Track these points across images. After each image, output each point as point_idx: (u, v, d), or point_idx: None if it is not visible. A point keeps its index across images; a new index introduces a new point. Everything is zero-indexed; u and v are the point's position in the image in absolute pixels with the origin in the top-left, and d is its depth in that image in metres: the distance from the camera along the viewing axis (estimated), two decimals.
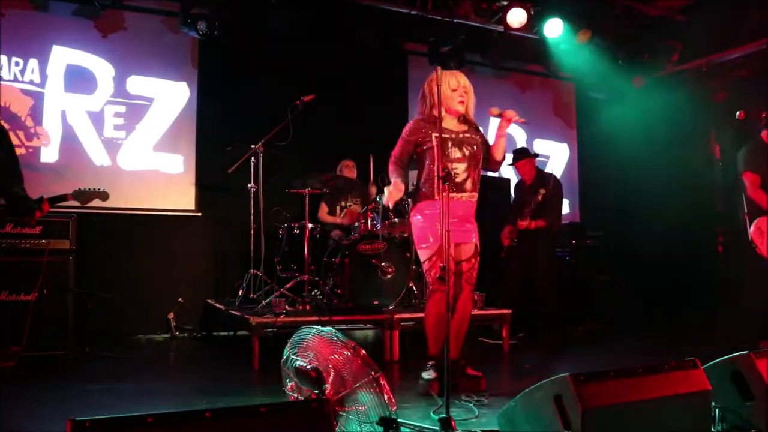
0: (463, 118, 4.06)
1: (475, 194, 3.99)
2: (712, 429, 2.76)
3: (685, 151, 8.39)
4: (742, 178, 5.15)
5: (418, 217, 3.98)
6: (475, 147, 3.99)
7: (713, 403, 2.70)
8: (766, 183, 5.05)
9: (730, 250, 7.95)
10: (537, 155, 6.49)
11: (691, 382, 2.54)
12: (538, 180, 6.24)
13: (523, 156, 6.33)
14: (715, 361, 2.85)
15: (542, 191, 5.95)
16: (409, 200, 4.77)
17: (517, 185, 6.59)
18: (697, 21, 7.53)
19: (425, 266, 3.96)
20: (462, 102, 3.99)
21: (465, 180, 3.91)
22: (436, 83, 3.48)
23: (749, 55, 7.56)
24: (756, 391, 2.72)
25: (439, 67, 3.49)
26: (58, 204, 4.23)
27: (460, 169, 3.86)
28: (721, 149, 8.26)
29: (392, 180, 3.96)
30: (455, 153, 3.89)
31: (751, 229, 5.05)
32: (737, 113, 4.76)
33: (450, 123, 3.99)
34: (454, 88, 3.96)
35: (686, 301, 7.70)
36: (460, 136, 3.96)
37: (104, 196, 4.51)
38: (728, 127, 7.58)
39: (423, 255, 3.96)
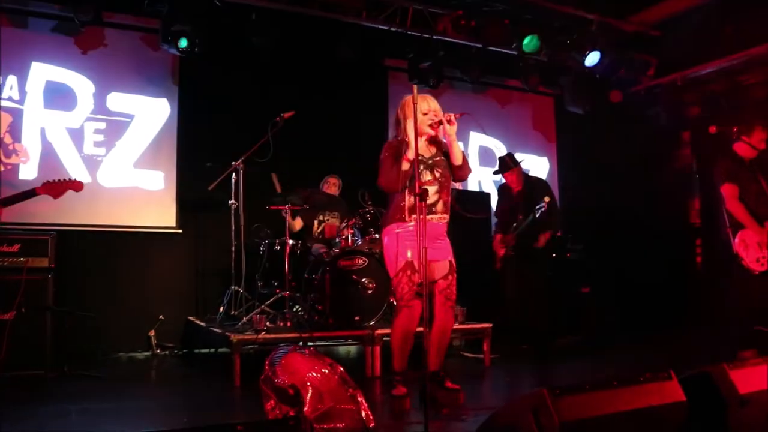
0: (434, 141, 4.11)
1: (447, 216, 4.07)
2: None
3: (662, 164, 8.51)
4: (720, 191, 5.21)
5: (388, 237, 4.05)
6: (445, 170, 4.07)
7: (688, 415, 2.72)
8: (743, 195, 5.12)
9: (708, 262, 8.05)
10: (519, 162, 6.55)
11: (665, 393, 2.57)
12: (528, 186, 6.31)
13: (511, 165, 6.40)
14: (691, 372, 2.87)
15: (547, 199, 5.96)
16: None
17: (504, 192, 6.60)
18: (671, 36, 7.65)
19: (393, 282, 4.04)
20: (434, 127, 4.04)
21: (436, 202, 3.99)
22: (410, 105, 3.64)
23: (722, 70, 7.69)
24: (730, 401, 2.74)
25: (415, 87, 3.55)
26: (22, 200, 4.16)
27: (431, 192, 3.90)
28: (697, 162, 8.39)
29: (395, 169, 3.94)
30: (426, 176, 3.98)
31: (736, 242, 5.10)
32: (710, 127, 4.84)
33: (421, 146, 4.03)
34: (425, 112, 4.03)
35: (666, 313, 7.78)
36: (431, 160, 4.05)
37: (77, 185, 4.36)
38: (703, 141, 7.70)
39: (391, 272, 4.04)
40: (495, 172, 6.70)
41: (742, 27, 7.36)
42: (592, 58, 7.34)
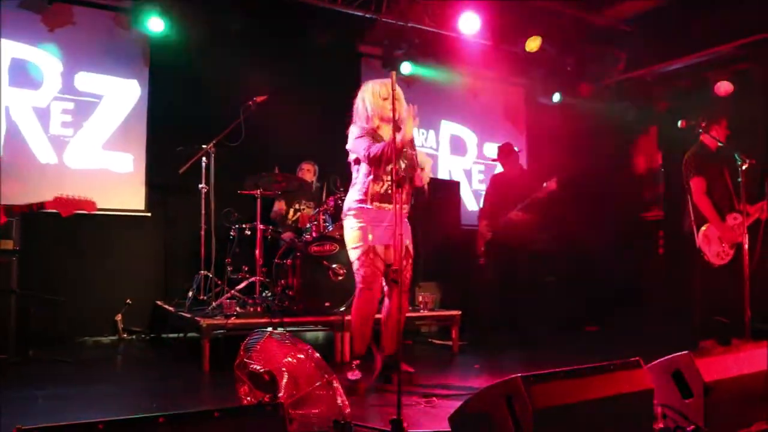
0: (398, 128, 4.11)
1: (407, 207, 4.08)
2: (655, 426, 2.85)
3: (630, 157, 8.63)
4: (689, 184, 5.30)
5: (350, 219, 4.10)
6: (410, 162, 4.10)
7: (656, 401, 2.78)
8: (710, 188, 5.22)
9: (671, 254, 8.21)
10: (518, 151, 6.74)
11: (635, 381, 2.62)
12: (525, 173, 6.57)
13: (509, 152, 6.54)
14: (657, 361, 2.94)
15: (555, 178, 6.12)
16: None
17: (497, 181, 6.66)
18: (642, 32, 7.75)
19: (354, 266, 4.09)
20: (393, 110, 4.03)
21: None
22: (368, 91, 3.98)
23: (690, 67, 7.82)
24: (695, 388, 2.81)
25: (393, 74, 3.50)
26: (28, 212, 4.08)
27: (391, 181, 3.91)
28: (664, 156, 8.52)
29: (376, 146, 3.96)
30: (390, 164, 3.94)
31: (699, 237, 5.20)
32: (679, 122, 4.91)
33: (387, 132, 4.03)
34: (385, 97, 4.01)
35: (630, 302, 7.92)
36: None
37: (90, 206, 4.25)
38: (671, 135, 7.82)
39: (353, 255, 4.09)
40: (494, 160, 6.88)
41: (709, 25, 7.48)
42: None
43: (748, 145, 5.78)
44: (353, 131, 4.15)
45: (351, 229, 4.09)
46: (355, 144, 4.09)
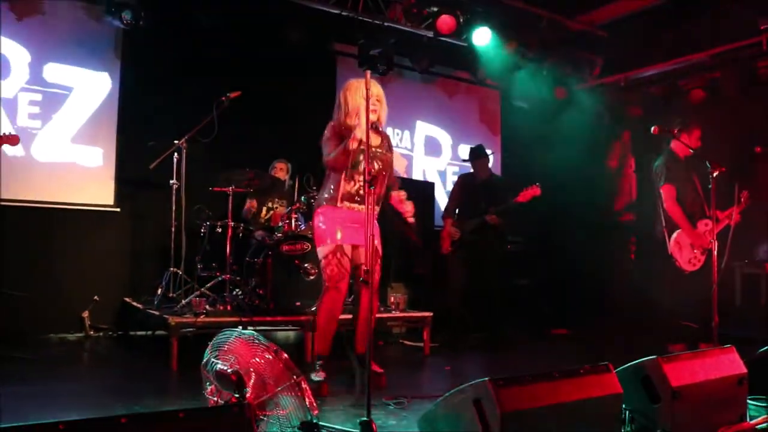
0: (377, 130, 4.11)
1: (378, 207, 4.09)
2: (623, 430, 2.87)
3: (603, 161, 8.72)
4: (660, 191, 5.35)
5: (319, 218, 4.12)
6: (385, 164, 4.12)
7: (624, 406, 2.80)
8: (681, 195, 5.28)
9: (643, 259, 8.30)
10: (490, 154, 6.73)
11: (604, 385, 2.64)
12: (493, 177, 6.64)
13: (481, 155, 6.56)
14: (626, 365, 2.96)
15: (538, 185, 6.12)
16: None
17: (466, 182, 6.65)
18: (617, 38, 7.84)
19: (322, 264, 4.10)
20: (374, 111, 4.03)
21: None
22: (353, 89, 3.89)
23: (663, 74, 7.93)
24: (663, 393, 2.84)
25: (368, 72, 3.49)
26: None
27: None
28: (636, 161, 8.63)
29: (338, 150, 3.97)
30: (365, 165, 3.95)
31: (671, 244, 5.26)
32: (652, 128, 4.97)
33: (363, 132, 4.02)
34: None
35: (602, 306, 8.00)
36: (373, 150, 4.05)
37: (12, 139, 4.23)
38: (643, 141, 7.92)
39: (321, 253, 4.10)
40: (465, 160, 6.88)
41: (683, 33, 7.60)
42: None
43: (718, 152, 5.88)
44: (327, 129, 4.14)
45: (320, 227, 4.11)
46: (324, 144, 4.12)
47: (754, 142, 7.13)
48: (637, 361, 2.94)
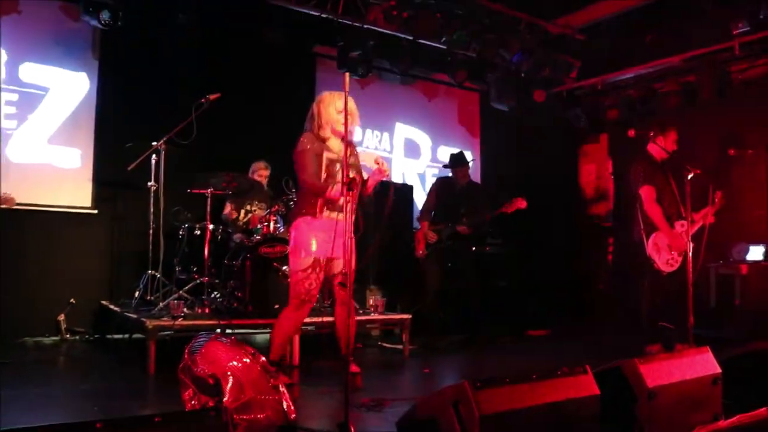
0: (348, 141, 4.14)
1: (353, 214, 4.08)
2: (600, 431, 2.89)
3: (581, 164, 8.79)
4: (638, 193, 5.39)
5: (296, 229, 4.11)
6: (358, 173, 4.15)
7: (601, 407, 2.82)
8: (660, 196, 5.33)
9: (619, 261, 8.38)
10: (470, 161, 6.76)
11: (581, 387, 2.66)
12: (471, 184, 6.65)
13: (462, 162, 6.58)
14: (603, 367, 2.98)
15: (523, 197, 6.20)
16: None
17: (446, 186, 6.65)
18: (595, 41, 7.90)
19: (293, 278, 4.09)
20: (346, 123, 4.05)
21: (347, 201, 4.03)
22: (326, 101, 4.03)
23: (640, 77, 8.01)
24: (639, 393, 2.86)
25: (347, 75, 3.49)
26: None
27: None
28: (614, 163, 8.71)
29: (323, 188, 3.98)
30: (340, 175, 3.98)
31: (649, 245, 5.29)
32: (629, 131, 5.01)
33: (336, 144, 4.14)
34: (340, 110, 4.01)
35: (581, 308, 8.05)
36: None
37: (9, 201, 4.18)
38: (620, 143, 8.00)
39: (294, 266, 4.10)
40: (445, 166, 6.84)
41: (659, 37, 7.69)
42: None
43: (694, 154, 5.96)
44: (302, 142, 4.14)
45: (296, 239, 4.10)
46: (299, 159, 4.10)
47: (728, 144, 7.26)
48: (614, 362, 2.96)
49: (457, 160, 6.59)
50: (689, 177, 4.80)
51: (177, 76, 6.58)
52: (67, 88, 6.31)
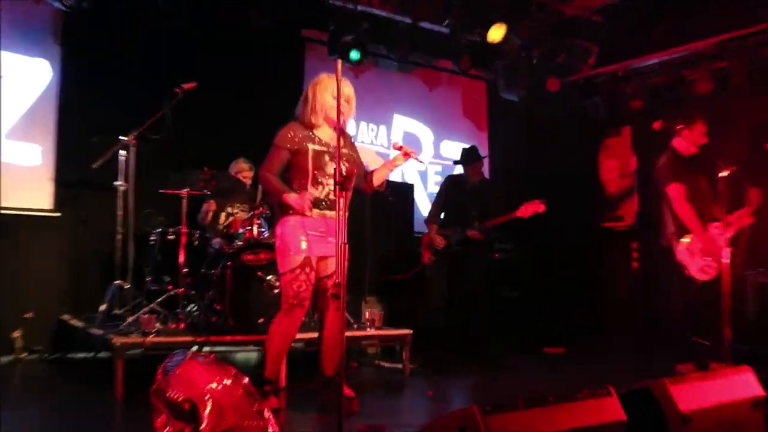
0: (341, 131, 4.12)
1: (346, 213, 4.07)
2: None
3: (600, 160, 8.78)
4: (665, 191, 5.35)
5: (282, 227, 4.12)
6: (352, 166, 4.15)
7: None
8: (691, 194, 5.28)
9: (647, 268, 8.33)
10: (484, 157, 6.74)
11: (605, 411, 2.63)
12: (483, 182, 6.66)
13: (475, 158, 6.56)
14: (629, 388, 2.94)
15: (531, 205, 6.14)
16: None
17: (454, 186, 6.64)
18: (613, 23, 7.87)
19: (283, 280, 4.09)
20: (342, 112, 4.03)
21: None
22: (322, 85, 4.06)
23: (665, 63, 7.98)
24: (671, 419, 2.82)
25: (339, 62, 3.49)
26: None
27: (333, 185, 3.93)
28: (638, 159, 8.68)
29: (281, 190, 4.04)
30: (330, 168, 4.02)
31: (680, 250, 5.24)
32: (654, 123, 4.98)
33: (327, 134, 4.18)
34: (336, 96, 3.99)
35: (602, 322, 8.02)
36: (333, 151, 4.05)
37: None
38: (645, 136, 7.97)
39: (282, 267, 4.10)
40: (456, 162, 6.83)
41: (687, 18, 7.66)
42: None
43: (725, 148, 5.92)
44: (280, 134, 4.18)
45: (282, 237, 4.10)
46: (270, 152, 4.17)
47: (762, 136, 7.23)
48: (641, 383, 2.93)
49: (469, 156, 6.60)
50: (723, 175, 4.76)
51: (149, 63, 6.57)
52: (26, 76, 6.29)
